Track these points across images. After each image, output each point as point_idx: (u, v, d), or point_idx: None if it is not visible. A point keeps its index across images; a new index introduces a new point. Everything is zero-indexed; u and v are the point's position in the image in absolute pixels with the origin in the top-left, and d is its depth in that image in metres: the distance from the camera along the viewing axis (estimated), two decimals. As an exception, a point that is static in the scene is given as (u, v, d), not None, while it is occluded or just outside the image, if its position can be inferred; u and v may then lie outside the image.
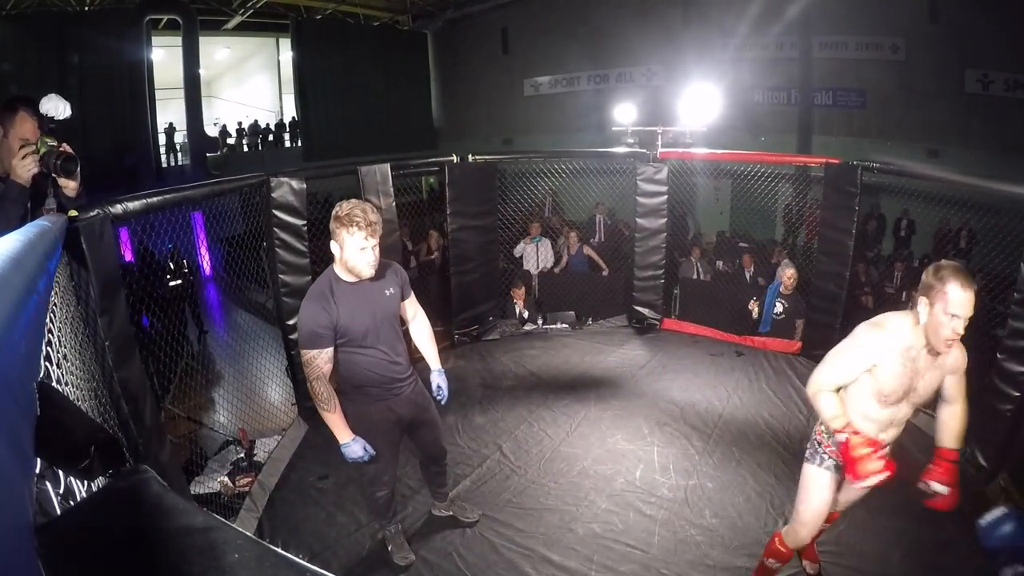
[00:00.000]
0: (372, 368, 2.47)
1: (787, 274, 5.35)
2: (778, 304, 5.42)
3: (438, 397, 2.71)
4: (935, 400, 2.28)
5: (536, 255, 7.00)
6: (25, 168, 1.90)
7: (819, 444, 2.35)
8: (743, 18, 10.37)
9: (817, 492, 2.33)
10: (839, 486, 2.36)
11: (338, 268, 2.36)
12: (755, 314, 5.56)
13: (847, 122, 10.60)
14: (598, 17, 12.59)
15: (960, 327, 1.91)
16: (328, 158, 12.03)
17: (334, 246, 2.31)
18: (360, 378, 2.48)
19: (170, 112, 14.16)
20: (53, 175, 1.96)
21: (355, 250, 2.28)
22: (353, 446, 2.46)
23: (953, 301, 1.89)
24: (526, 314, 6.18)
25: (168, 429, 3.60)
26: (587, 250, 7.27)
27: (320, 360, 2.34)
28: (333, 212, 2.29)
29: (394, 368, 2.53)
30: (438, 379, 2.72)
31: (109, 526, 0.71)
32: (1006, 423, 3.28)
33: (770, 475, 3.50)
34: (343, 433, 2.45)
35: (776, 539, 2.51)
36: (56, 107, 1.99)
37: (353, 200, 2.34)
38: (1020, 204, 3.46)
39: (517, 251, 7.07)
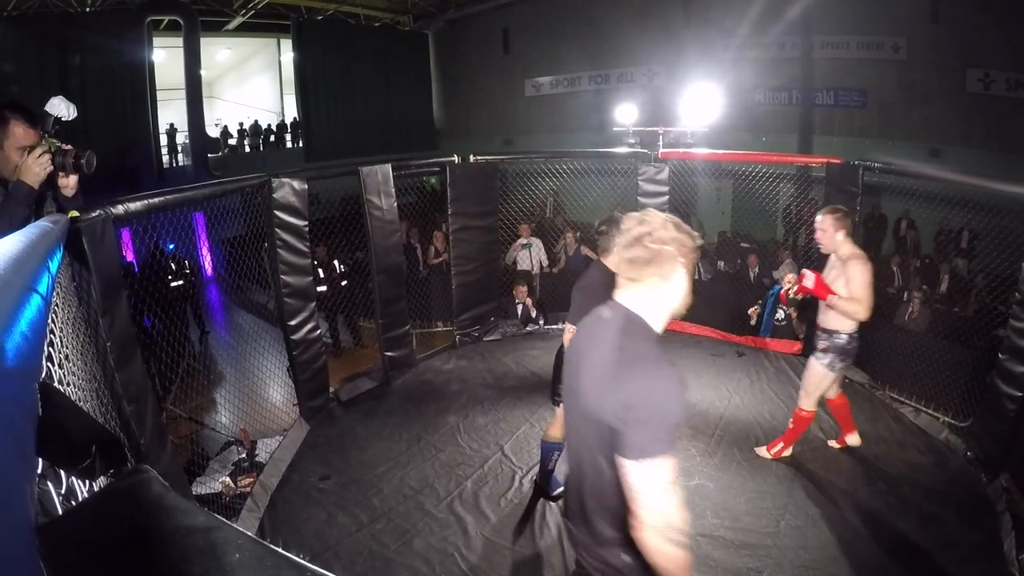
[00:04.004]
0: None
1: (788, 279, 5.29)
2: (780, 311, 5.39)
3: None
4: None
5: (530, 257, 6.98)
6: (42, 166, 1.89)
7: None
8: (744, 18, 10.36)
9: None
10: None
11: (655, 318, 1.46)
12: (753, 321, 5.51)
13: (848, 122, 10.58)
14: (599, 17, 12.59)
15: None
16: (329, 159, 12.04)
17: (667, 286, 1.44)
18: None
19: (171, 113, 14.17)
20: (60, 173, 1.97)
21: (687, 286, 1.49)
22: None
23: None
24: (533, 312, 6.16)
25: (169, 430, 3.61)
26: (585, 250, 7.27)
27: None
28: (668, 233, 1.42)
29: None
30: None
31: (110, 526, 0.71)
32: (1008, 423, 3.27)
33: (771, 476, 3.49)
34: None
35: None
36: (62, 109, 1.99)
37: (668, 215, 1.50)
38: (1022, 204, 3.46)
39: (509, 258, 6.97)
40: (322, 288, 6.34)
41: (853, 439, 3.75)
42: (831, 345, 3.24)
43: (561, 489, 3.02)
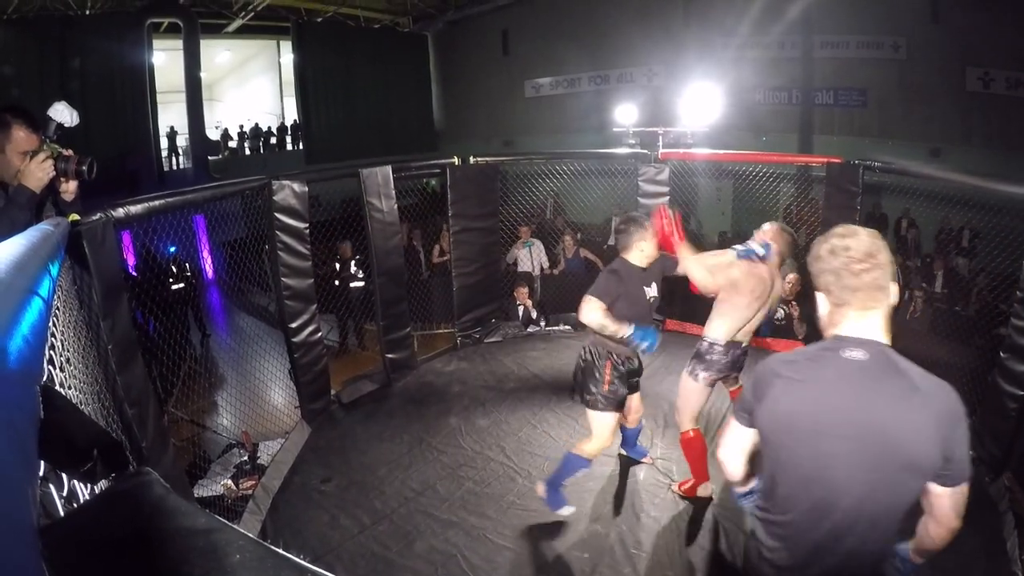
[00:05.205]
0: None
1: (788, 278, 5.30)
2: (780, 309, 5.38)
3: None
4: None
5: (530, 258, 6.98)
6: (45, 171, 1.89)
7: None
8: (744, 18, 10.37)
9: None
10: None
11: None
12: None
13: (849, 121, 10.58)
14: (598, 18, 12.60)
15: None
16: (330, 161, 12.05)
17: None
18: None
19: (172, 115, 14.21)
20: (61, 179, 1.98)
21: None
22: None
23: None
24: (534, 313, 6.16)
25: (171, 432, 3.62)
26: (583, 252, 7.27)
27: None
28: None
29: None
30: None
31: (112, 528, 0.71)
32: (1010, 422, 3.27)
33: (773, 475, 3.48)
34: None
35: None
36: (65, 115, 1.99)
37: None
38: (1022, 203, 3.45)
39: (510, 258, 6.96)
40: (338, 283, 6.39)
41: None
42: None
43: (571, 510, 3.13)
